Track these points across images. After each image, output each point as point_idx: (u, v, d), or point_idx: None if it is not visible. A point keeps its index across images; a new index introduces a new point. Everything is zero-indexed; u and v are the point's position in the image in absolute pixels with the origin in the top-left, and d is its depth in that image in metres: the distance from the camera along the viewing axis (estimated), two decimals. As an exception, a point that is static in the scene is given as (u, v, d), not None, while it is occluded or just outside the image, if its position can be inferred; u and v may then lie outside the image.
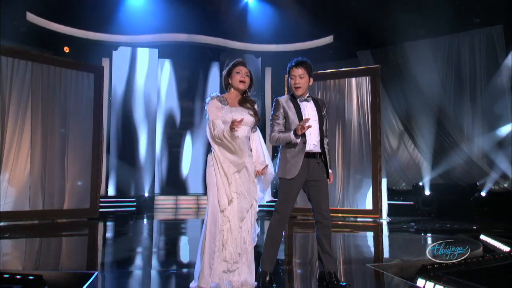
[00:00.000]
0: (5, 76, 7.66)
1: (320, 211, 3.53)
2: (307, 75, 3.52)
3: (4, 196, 7.54)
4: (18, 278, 3.37)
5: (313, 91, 9.59)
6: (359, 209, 9.05)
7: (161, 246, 6.24)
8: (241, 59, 3.42)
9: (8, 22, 10.10)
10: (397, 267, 4.60)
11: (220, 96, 3.27)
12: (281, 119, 3.52)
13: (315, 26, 11.56)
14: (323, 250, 3.50)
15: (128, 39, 11.47)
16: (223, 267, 3.05)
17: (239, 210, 3.11)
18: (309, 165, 3.50)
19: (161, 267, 4.44)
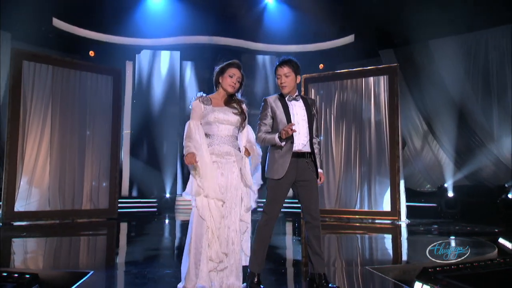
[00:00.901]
0: (27, 80, 7.98)
1: (309, 211, 3.50)
2: (293, 73, 3.51)
3: (26, 197, 7.85)
4: (15, 277, 3.48)
5: (329, 91, 9.51)
6: (376, 211, 8.89)
7: (169, 246, 6.34)
8: (237, 61, 3.44)
9: (36, 28, 10.51)
10: (399, 269, 4.51)
11: (204, 97, 3.31)
12: (268, 119, 3.52)
13: (336, 26, 11.45)
14: (313, 251, 3.48)
15: (150, 42, 11.70)
16: (209, 267, 3.06)
17: (218, 208, 3.10)
18: (298, 165, 3.48)
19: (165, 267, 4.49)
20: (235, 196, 3.23)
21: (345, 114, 9.35)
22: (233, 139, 3.29)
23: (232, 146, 3.27)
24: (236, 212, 3.22)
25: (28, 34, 10.40)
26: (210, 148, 3.19)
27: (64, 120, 8.36)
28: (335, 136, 9.37)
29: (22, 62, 7.90)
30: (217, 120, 3.22)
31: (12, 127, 7.70)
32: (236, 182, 3.23)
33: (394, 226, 8.46)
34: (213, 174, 3.12)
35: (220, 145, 3.22)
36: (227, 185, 3.20)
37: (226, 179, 3.20)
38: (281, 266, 4.60)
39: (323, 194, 9.28)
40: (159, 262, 4.80)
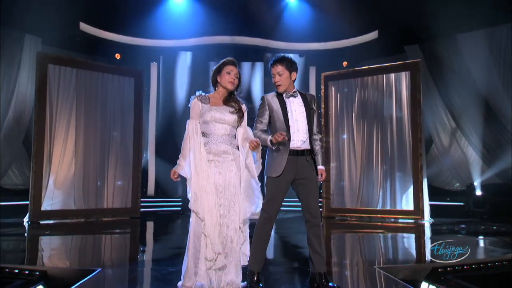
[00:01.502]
0: (53, 83, 8.27)
1: (309, 209, 3.49)
2: (286, 71, 3.50)
3: (53, 196, 8.14)
4: (25, 273, 3.62)
5: (350, 88, 9.39)
6: (399, 210, 8.73)
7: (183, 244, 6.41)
8: (232, 58, 3.47)
9: (64, 32, 10.87)
10: (409, 269, 4.42)
11: (202, 95, 3.35)
12: (265, 117, 3.52)
13: (359, 22, 11.27)
14: (313, 250, 3.46)
15: (174, 43, 11.86)
16: (207, 266, 3.09)
17: (210, 207, 3.12)
18: (297, 163, 3.47)
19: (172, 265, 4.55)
20: (234, 195, 3.24)
21: (366, 111, 9.22)
22: (230, 138, 3.31)
23: (230, 145, 3.29)
24: (235, 211, 3.23)
25: (56, 38, 10.76)
26: (207, 147, 3.22)
27: (88, 121, 8.61)
28: (356, 134, 9.26)
29: (47, 65, 8.19)
30: (214, 119, 3.25)
31: (38, 129, 7.99)
32: (235, 180, 3.25)
33: (416, 225, 8.29)
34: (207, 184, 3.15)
35: (217, 144, 3.24)
36: (225, 184, 3.22)
37: (224, 178, 3.22)
38: (285, 265, 4.59)
39: (344, 192, 9.19)
40: (167, 260, 4.86)
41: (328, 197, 9.29)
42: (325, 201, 9.32)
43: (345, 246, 6.42)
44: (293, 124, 3.49)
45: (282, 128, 3.47)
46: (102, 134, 8.75)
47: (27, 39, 10.80)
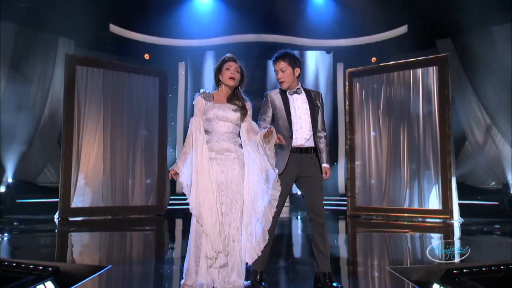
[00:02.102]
0: (81, 83, 8.53)
1: (313, 208, 3.43)
2: (289, 67, 3.45)
3: (82, 193, 8.40)
4: (39, 269, 3.73)
5: (375, 84, 9.19)
6: (427, 209, 8.47)
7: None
8: (231, 54, 3.44)
9: (95, 34, 11.21)
10: (424, 270, 4.29)
11: (206, 93, 3.34)
12: (268, 114, 3.49)
13: (387, 16, 11.02)
14: (317, 250, 3.40)
15: (200, 43, 11.97)
16: (207, 264, 3.09)
17: (211, 205, 3.10)
18: (301, 161, 3.42)
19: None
20: (236, 193, 3.20)
21: (393, 108, 8.99)
22: (233, 136, 3.28)
23: (232, 142, 3.25)
24: (237, 210, 3.20)
25: (88, 40, 11.11)
26: (209, 145, 3.20)
27: (115, 120, 8.83)
28: (382, 131, 9.05)
29: (76, 67, 8.45)
30: (216, 117, 3.23)
31: (67, 129, 8.27)
32: (237, 178, 3.21)
33: (445, 225, 8.02)
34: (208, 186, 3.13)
35: (219, 142, 3.22)
36: (227, 182, 3.19)
37: (226, 176, 3.19)
38: (290, 264, 4.54)
39: (370, 191, 9.01)
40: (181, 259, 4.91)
41: (353, 195, 9.14)
42: (350, 200, 9.17)
43: (368, 245, 6.30)
44: (296, 122, 3.44)
45: (285, 125, 3.43)
46: (129, 133, 8.96)
47: (60, 42, 11.22)
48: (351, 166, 9.21)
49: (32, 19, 9.95)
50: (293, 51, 3.55)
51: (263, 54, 12.42)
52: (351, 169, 9.20)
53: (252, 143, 3.23)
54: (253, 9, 11.08)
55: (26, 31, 10.44)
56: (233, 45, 11.93)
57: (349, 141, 9.32)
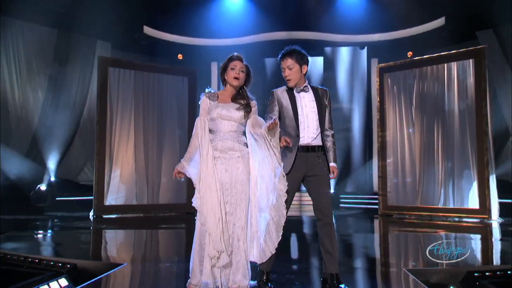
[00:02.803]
0: (113, 84, 8.80)
1: (320, 207, 3.37)
2: (297, 64, 3.39)
3: (116, 191, 8.66)
4: (58, 266, 3.87)
5: (407, 79, 8.91)
6: (463, 208, 8.12)
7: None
8: (237, 54, 3.43)
9: (130, 36, 11.56)
10: (444, 272, 4.14)
11: (211, 92, 3.34)
12: (274, 113, 3.45)
13: (422, 9, 10.65)
14: (325, 250, 3.33)
15: (232, 41, 11.99)
16: (211, 263, 3.09)
17: (214, 204, 3.10)
18: (308, 159, 3.37)
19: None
20: (241, 192, 3.18)
21: (426, 103, 8.69)
22: (237, 134, 3.26)
23: (237, 141, 3.23)
24: (242, 209, 3.18)
25: (124, 42, 11.51)
26: (213, 144, 3.20)
27: (146, 120, 9.05)
28: (415, 127, 8.76)
29: (108, 68, 8.72)
30: (220, 116, 3.23)
31: (100, 128, 8.55)
32: (242, 178, 3.20)
33: (483, 225, 7.67)
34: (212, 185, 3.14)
35: (223, 140, 3.21)
36: (232, 181, 3.17)
37: (230, 175, 3.18)
38: (298, 265, 4.48)
39: (402, 189, 8.75)
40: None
41: (385, 194, 8.90)
42: (381, 198, 8.94)
43: (397, 245, 6.12)
44: (303, 120, 3.39)
45: (291, 124, 3.38)
46: (159, 132, 9.15)
47: (98, 45, 11.66)
48: (382, 164, 8.98)
49: (71, 24, 10.40)
50: (300, 48, 3.47)
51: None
52: (382, 167, 8.96)
53: (259, 138, 3.21)
54: (283, 6, 11.02)
55: (66, 36, 10.93)
56: (263, 43, 11.93)
57: (380, 138, 9.09)
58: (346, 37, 11.90)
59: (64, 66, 10.91)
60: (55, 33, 10.95)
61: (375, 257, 5.23)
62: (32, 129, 10.64)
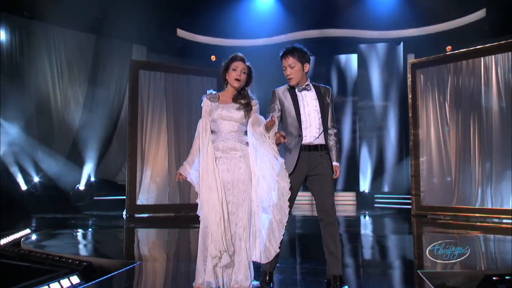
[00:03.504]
0: (144, 86, 9.03)
1: (323, 207, 3.29)
2: (298, 63, 3.32)
3: (147, 191, 8.88)
4: (76, 263, 4.00)
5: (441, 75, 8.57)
6: (502, 209, 7.71)
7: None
8: (239, 54, 3.41)
9: (164, 39, 11.83)
10: (462, 276, 3.95)
11: (212, 94, 3.34)
12: (276, 112, 3.40)
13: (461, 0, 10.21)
14: (328, 252, 3.24)
15: (263, 41, 11.99)
16: (213, 263, 3.09)
17: (214, 204, 3.10)
18: (310, 159, 3.30)
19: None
20: (243, 192, 3.16)
21: (461, 100, 8.32)
22: (239, 134, 3.23)
23: (238, 141, 3.21)
24: (244, 209, 3.17)
25: (158, 45, 11.81)
26: (215, 144, 3.20)
27: (177, 121, 9.23)
28: (450, 125, 8.41)
29: (139, 71, 8.96)
30: (220, 117, 3.23)
31: (132, 129, 8.80)
32: (244, 177, 3.18)
33: (523, 227, 7.24)
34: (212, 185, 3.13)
35: (224, 140, 3.20)
36: (233, 181, 3.15)
37: (232, 175, 3.16)
38: (302, 265, 4.38)
39: (438, 189, 8.42)
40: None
41: (418, 193, 8.60)
42: (414, 198, 8.65)
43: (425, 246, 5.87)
44: (305, 119, 3.32)
45: (293, 123, 3.32)
46: (190, 132, 9.27)
47: (134, 48, 12.02)
48: (415, 163, 8.68)
49: (109, 29, 10.78)
50: (301, 46, 3.41)
51: (328, 50, 12.20)
52: (415, 166, 8.67)
53: (259, 136, 3.18)
54: (314, 4, 10.87)
55: (104, 41, 11.35)
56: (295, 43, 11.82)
57: (412, 136, 8.79)
58: (381, 33, 11.61)
59: (102, 70, 11.35)
60: (94, 38, 11.40)
61: (395, 258, 5.05)
62: (73, 131, 11.12)
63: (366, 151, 12.06)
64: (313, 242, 6.23)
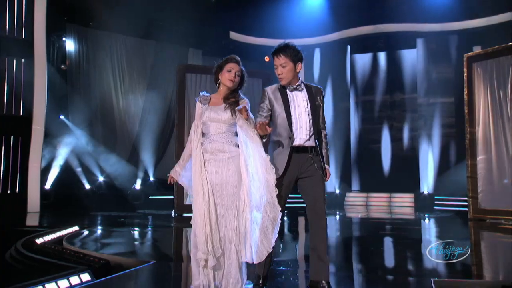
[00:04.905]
0: (191, 89, 9.26)
1: (316, 210, 3.12)
2: (290, 62, 3.13)
3: (192, 190, 9.08)
4: (96, 260, 4.18)
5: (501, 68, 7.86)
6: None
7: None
8: (235, 56, 3.35)
9: (218, 42, 12.11)
10: (476, 285, 3.63)
11: (204, 96, 3.32)
12: (265, 112, 3.25)
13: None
14: (316, 256, 3.08)
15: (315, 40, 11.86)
16: (201, 265, 3.08)
17: (200, 205, 3.09)
18: (300, 160, 3.16)
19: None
20: (233, 194, 3.12)
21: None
22: (227, 136, 3.18)
23: (226, 143, 3.17)
24: (234, 211, 3.13)
25: (213, 49, 12.09)
26: (203, 147, 3.19)
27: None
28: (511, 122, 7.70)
29: (185, 74, 9.22)
30: (209, 119, 3.21)
31: (179, 131, 9.06)
32: (233, 179, 3.14)
33: None
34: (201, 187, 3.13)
35: (212, 142, 3.18)
36: (222, 183, 3.12)
37: (221, 177, 3.13)
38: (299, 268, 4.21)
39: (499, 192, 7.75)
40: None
41: (476, 196, 7.96)
42: (471, 201, 8.03)
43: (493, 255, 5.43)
44: (295, 121, 3.17)
45: (283, 124, 3.19)
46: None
47: (190, 53, 12.44)
48: (472, 163, 8.06)
49: (167, 35, 11.26)
50: (294, 44, 3.19)
51: (383, 46, 11.75)
52: (471, 166, 8.05)
53: (245, 131, 3.13)
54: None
55: (162, 46, 11.87)
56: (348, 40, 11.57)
57: (468, 134, 8.17)
58: (441, 26, 10.97)
59: (160, 74, 11.87)
60: (153, 44, 11.95)
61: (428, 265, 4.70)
62: (133, 133, 11.75)
63: (426, 150, 11.46)
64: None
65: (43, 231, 6.07)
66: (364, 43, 11.80)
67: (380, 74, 12.30)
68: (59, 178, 10.46)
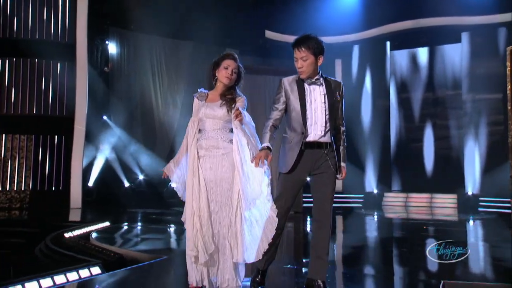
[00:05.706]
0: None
1: (323, 208, 3.02)
2: (312, 56, 2.99)
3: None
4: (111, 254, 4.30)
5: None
6: None
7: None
8: (232, 52, 3.31)
9: (252, 41, 12.13)
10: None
11: (201, 93, 3.29)
12: (280, 104, 3.16)
13: None
14: (316, 254, 2.99)
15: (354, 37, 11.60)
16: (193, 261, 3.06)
17: (189, 201, 3.06)
18: (313, 157, 3.06)
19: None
20: (227, 190, 3.08)
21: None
22: (222, 132, 3.15)
23: (221, 139, 3.13)
24: (228, 207, 3.10)
25: (250, 48, 12.13)
26: (199, 143, 3.18)
27: (256, 121, 9.30)
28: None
29: (216, 73, 9.29)
30: (205, 115, 3.20)
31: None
32: (228, 175, 3.11)
33: None
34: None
35: (207, 139, 3.16)
36: (216, 179, 3.10)
37: (215, 173, 3.10)
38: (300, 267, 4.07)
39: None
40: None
41: (520, 198, 7.45)
42: (515, 204, 7.51)
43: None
44: (310, 116, 3.05)
45: (297, 118, 3.08)
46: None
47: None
48: (517, 163, 7.55)
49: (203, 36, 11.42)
50: (316, 35, 3.07)
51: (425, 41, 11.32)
52: (516, 166, 7.54)
53: (240, 127, 3.10)
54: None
55: (200, 47, 12.04)
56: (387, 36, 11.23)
57: (511, 132, 7.65)
58: (488, 18, 10.40)
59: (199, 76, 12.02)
60: (191, 45, 12.15)
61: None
62: (172, 133, 11.99)
63: (472, 149, 10.91)
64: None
65: (74, 225, 6.29)
66: (404, 38, 11.39)
67: (422, 70, 11.84)
68: (101, 176, 10.86)
